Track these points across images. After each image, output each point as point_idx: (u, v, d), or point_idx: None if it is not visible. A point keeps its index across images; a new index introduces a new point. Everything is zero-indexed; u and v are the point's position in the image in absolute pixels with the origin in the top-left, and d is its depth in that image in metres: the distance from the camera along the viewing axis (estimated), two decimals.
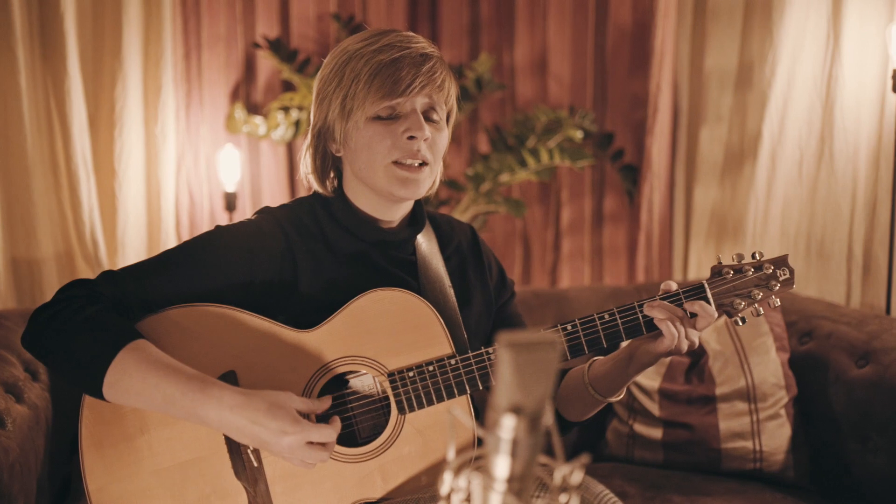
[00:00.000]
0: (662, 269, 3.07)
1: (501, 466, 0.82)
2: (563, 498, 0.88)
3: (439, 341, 1.46)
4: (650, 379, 2.20)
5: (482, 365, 1.44)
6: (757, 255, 1.54)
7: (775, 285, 1.52)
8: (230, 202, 2.86)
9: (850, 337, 2.11)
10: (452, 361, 1.44)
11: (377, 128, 1.45)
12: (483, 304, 1.65)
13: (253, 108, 3.00)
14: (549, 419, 0.82)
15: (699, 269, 3.02)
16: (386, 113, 1.45)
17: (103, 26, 2.70)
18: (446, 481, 0.86)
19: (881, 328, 2.08)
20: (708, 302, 1.47)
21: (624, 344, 1.63)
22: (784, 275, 1.53)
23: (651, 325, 1.45)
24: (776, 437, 2.09)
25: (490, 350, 1.44)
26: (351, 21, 3.12)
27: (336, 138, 1.50)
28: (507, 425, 0.80)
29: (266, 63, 3.02)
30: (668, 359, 2.22)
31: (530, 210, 3.32)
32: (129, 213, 2.74)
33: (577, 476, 0.87)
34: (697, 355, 2.22)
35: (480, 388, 1.44)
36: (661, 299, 1.47)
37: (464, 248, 1.68)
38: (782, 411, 2.10)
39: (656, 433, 2.16)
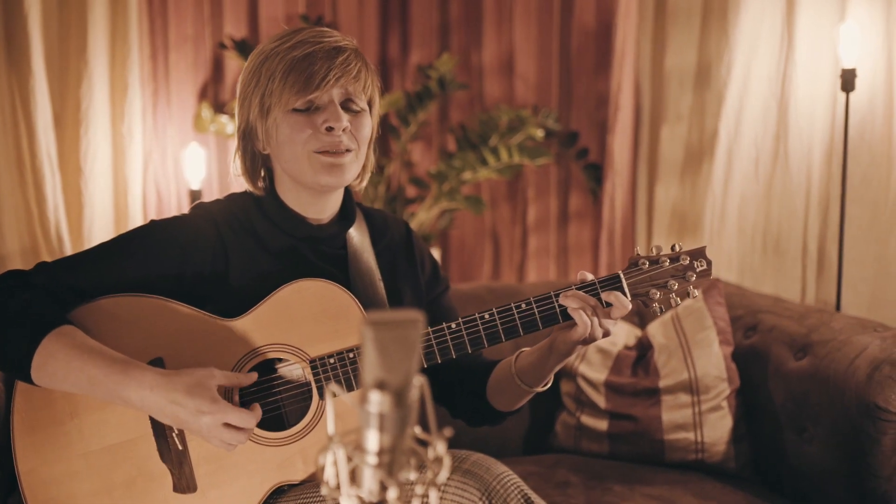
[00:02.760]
0: (625, 267, 3.11)
1: (370, 440, 0.87)
2: (431, 471, 0.92)
3: (360, 329, 1.50)
4: (597, 372, 2.24)
5: None
6: (676, 246, 1.58)
7: (692, 276, 1.56)
8: (196, 200, 2.91)
9: (790, 330, 2.15)
10: None
11: (296, 119, 1.50)
12: (413, 297, 1.70)
13: (220, 108, 3.05)
14: (415, 394, 0.86)
15: None
16: (304, 106, 1.50)
17: (69, 26, 2.75)
18: (327, 458, 0.91)
19: (820, 322, 2.12)
20: (623, 292, 1.51)
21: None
22: (701, 266, 1.57)
23: (567, 315, 1.49)
24: (717, 429, 2.13)
25: None
26: (319, 22, 3.17)
27: (260, 137, 1.55)
28: (373, 400, 0.84)
29: (234, 63, 3.07)
30: (616, 352, 2.26)
31: (499, 208, 3.36)
32: (95, 210, 2.78)
33: (441, 447, 0.91)
34: (644, 349, 2.26)
35: None
36: (576, 289, 1.51)
37: (396, 244, 1.73)
38: (724, 403, 2.14)
39: (602, 425, 2.20)
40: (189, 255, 1.52)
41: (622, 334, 2.32)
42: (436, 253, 3.20)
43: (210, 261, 1.53)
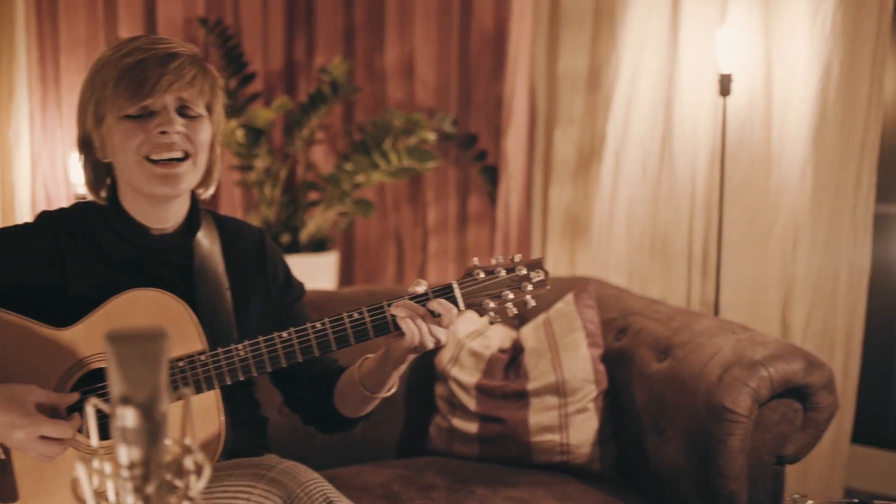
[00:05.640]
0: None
1: (122, 454, 0.88)
2: (186, 483, 0.93)
3: (192, 338, 1.51)
4: (469, 375, 2.26)
5: (231, 361, 1.49)
6: (516, 258, 1.61)
7: (527, 286, 1.58)
8: None
9: (656, 333, 2.19)
10: (202, 357, 1.49)
11: (128, 125, 1.50)
12: (262, 305, 1.71)
13: None
14: (164, 407, 0.87)
15: (556, 268, 3.09)
16: (136, 112, 1.50)
17: None
18: (80, 471, 0.92)
19: (683, 324, 2.16)
20: (455, 301, 1.54)
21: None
22: (538, 276, 1.59)
23: (398, 324, 1.51)
24: (583, 431, 2.16)
25: (240, 346, 1.49)
26: (219, 25, 3.16)
27: (97, 146, 1.55)
28: (120, 415, 0.85)
29: None
30: (489, 355, 2.28)
31: (401, 211, 3.38)
32: None
33: (199, 457, 0.93)
34: (517, 351, 2.29)
35: (229, 382, 1.49)
36: (409, 299, 1.53)
37: (249, 252, 1.74)
38: (591, 405, 2.18)
39: (472, 427, 2.23)
40: (24, 265, 1.52)
41: (497, 337, 2.35)
42: (335, 256, 3.21)
43: (47, 271, 1.53)
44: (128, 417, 0.84)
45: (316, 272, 3.10)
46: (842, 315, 2.63)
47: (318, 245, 3.13)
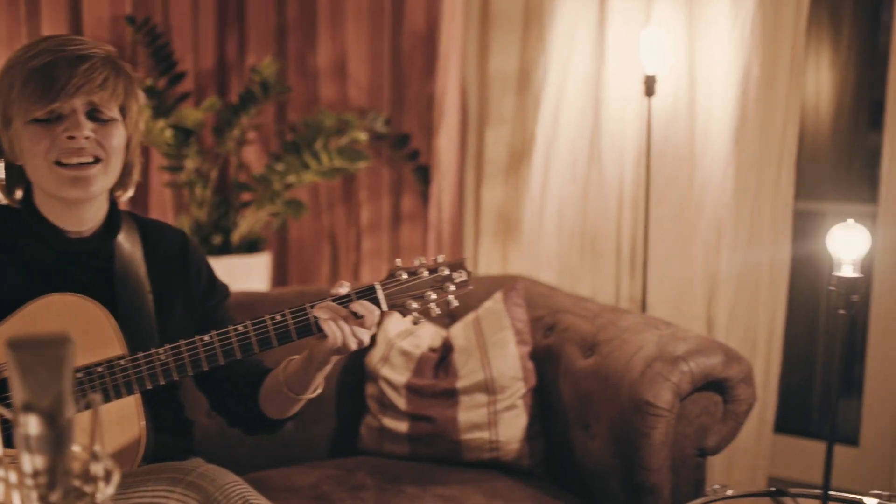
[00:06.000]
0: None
1: (26, 462, 0.87)
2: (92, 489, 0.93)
3: (111, 343, 1.49)
4: (399, 374, 2.28)
5: (151, 365, 1.48)
6: (439, 258, 1.62)
7: (450, 286, 1.60)
8: None
9: (582, 330, 2.23)
10: (122, 362, 1.48)
11: (35, 130, 1.48)
12: (184, 308, 1.70)
13: None
14: (70, 413, 0.87)
15: (488, 266, 3.12)
16: (44, 115, 1.48)
17: None
18: None
19: (609, 321, 2.21)
20: (378, 302, 1.55)
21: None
22: (460, 277, 1.61)
23: (320, 325, 1.52)
24: (512, 428, 2.19)
25: (160, 350, 1.49)
26: (147, 23, 3.12)
27: (6, 148, 1.53)
28: (23, 423, 0.84)
29: None
30: (419, 354, 2.30)
31: (335, 210, 3.38)
32: None
33: (109, 463, 0.92)
34: (446, 350, 2.31)
35: (149, 386, 1.48)
36: (332, 301, 1.53)
37: (171, 254, 1.72)
38: (519, 402, 2.21)
39: (402, 427, 2.24)
40: None
41: (427, 336, 2.37)
42: (268, 257, 3.20)
43: None
44: (31, 425, 0.83)
45: (249, 273, 3.09)
46: (764, 309, 2.71)
47: (250, 246, 3.11)
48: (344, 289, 1.55)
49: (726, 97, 2.65)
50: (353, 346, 1.52)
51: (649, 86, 2.62)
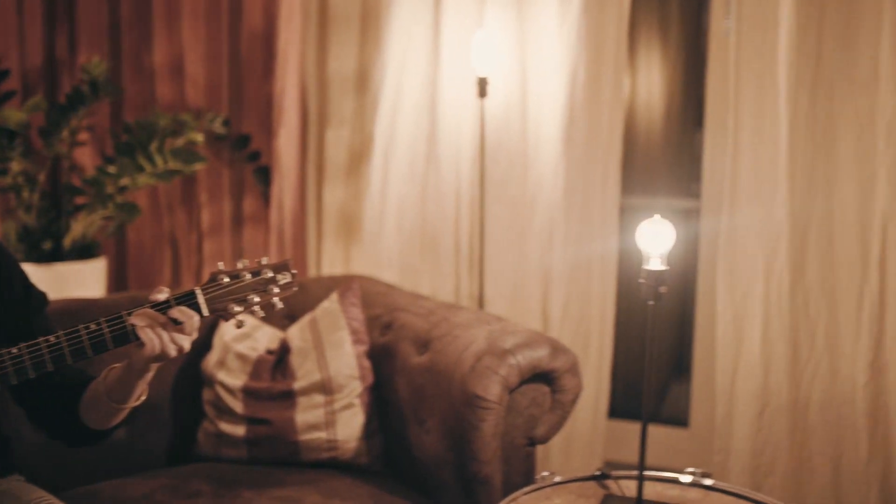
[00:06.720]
0: (298, 268, 3.16)
1: None
2: None
3: None
4: (235, 378, 2.26)
5: None
6: (263, 260, 1.62)
7: (274, 289, 1.60)
8: None
9: (417, 327, 2.27)
10: None
11: None
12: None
13: None
14: None
15: (331, 266, 3.13)
16: None
17: None
18: None
19: (443, 317, 2.26)
20: (198, 307, 1.53)
21: None
22: (285, 279, 1.61)
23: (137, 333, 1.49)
24: (349, 426, 2.21)
25: None
26: None
27: None
28: None
29: None
30: (255, 357, 2.29)
31: (175, 213, 3.31)
32: None
33: None
34: (284, 352, 2.31)
35: None
36: (150, 307, 1.51)
37: None
38: (356, 401, 2.23)
39: (240, 431, 2.23)
40: None
41: (265, 339, 2.36)
42: (104, 262, 3.10)
43: None
44: None
45: (83, 280, 2.98)
46: (595, 302, 2.83)
47: (83, 251, 3.01)
48: (162, 294, 1.52)
49: (556, 99, 2.75)
50: (173, 353, 1.50)
51: (482, 87, 2.69)
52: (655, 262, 1.63)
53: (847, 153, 2.47)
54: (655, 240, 1.63)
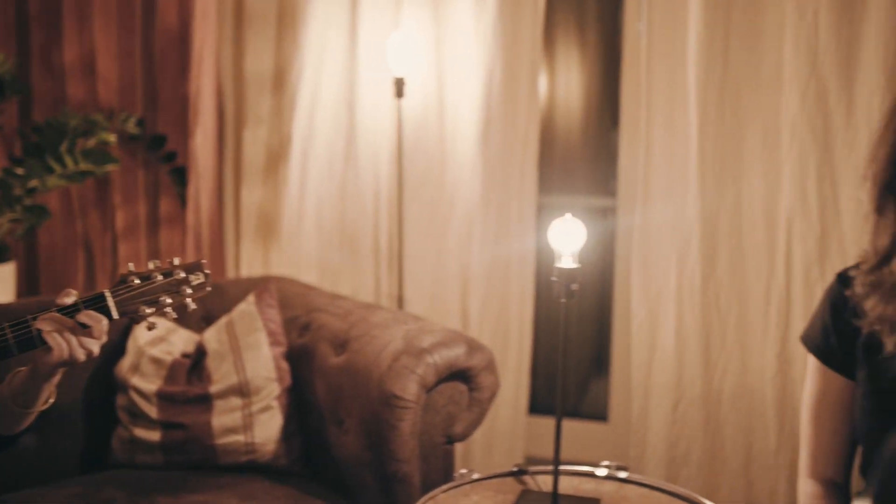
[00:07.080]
0: (216, 270, 3.12)
1: None
2: None
3: None
4: (150, 382, 2.22)
5: None
6: (175, 261, 1.59)
7: (186, 290, 1.58)
8: None
9: (334, 328, 2.27)
10: None
11: None
12: None
13: None
14: None
15: (250, 268, 3.10)
16: None
17: None
18: None
19: (361, 317, 2.26)
20: (107, 310, 1.50)
21: None
22: (198, 279, 1.59)
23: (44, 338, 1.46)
24: (267, 429, 2.20)
25: None
26: None
27: None
28: None
29: None
30: (170, 361, 2.26)
31: (88, 215, 3.23)
32: None
33: None
34: (200, 355, 2.28)
35: None
36: (57, 311, 1.48)
37: None
38: (274, 403, 2.22)
39: (155, 436, 2.19)
40: None
41: (180, 342, 2.32)
42: (13, 266, 3.01)
43: None
44: None
45: None
46: (514, 300, 2.86)
47: None
48: (70, 298, 1.49)
49: (472, 99, 2.77)
50: (82, 357, 1.47)
51: (399, 88, 2.70)
52: (567, 260, 1.65)
53: (754, 150, 2.55)
54: (567, 238, 1.65)
